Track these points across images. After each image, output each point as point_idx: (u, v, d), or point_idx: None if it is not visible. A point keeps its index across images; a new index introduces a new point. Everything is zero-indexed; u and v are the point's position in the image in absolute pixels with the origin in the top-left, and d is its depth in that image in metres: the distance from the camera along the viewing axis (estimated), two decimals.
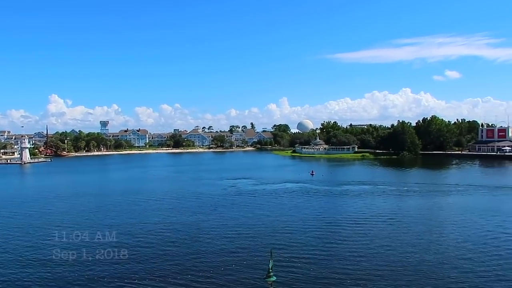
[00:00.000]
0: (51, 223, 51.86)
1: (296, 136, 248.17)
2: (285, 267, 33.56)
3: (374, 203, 63.63)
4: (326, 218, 53.24)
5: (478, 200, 64.94)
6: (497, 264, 34.29)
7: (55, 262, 36.33)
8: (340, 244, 40.82)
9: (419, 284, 30.59)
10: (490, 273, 32.21)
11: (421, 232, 45.00)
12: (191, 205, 63.60)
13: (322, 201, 66.03)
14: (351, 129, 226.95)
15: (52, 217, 56.34)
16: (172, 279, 32.57)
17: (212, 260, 36.63)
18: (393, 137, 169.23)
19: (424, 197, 68.60)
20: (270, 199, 68.12)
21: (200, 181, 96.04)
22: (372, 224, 49.28)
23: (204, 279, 32.29)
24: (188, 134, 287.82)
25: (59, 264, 36.00)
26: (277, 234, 45.04)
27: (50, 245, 41.82)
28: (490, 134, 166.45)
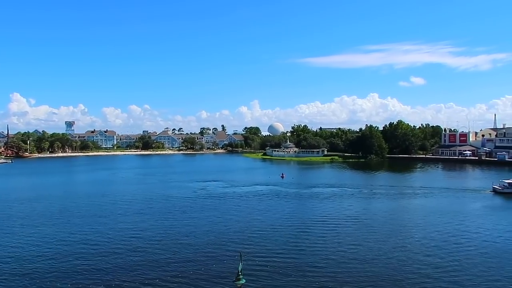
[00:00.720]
0: (10, 229, 49.62)
1: (267, 139, 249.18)
2: (254, 270, 33.50)
3: (343, 205, 64.72)
4: (295, 220, 53.67)
5: (440, 202, 67.31)
6: (457, 264, 35.61)
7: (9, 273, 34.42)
8: (309, 246, 41.20)
9: (385, 283, 31.30)
10: (451, 273, 33.39)
11: (387, 234, 46.15)
12: (160, 208, 62.49)
13: (292, 204, 66.51)
14: (321, 133, 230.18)
15: (11, 221, 53.82)
16: (139, 283, 31.81)
17: (180, 264, 36.09)
18: (361, 141, 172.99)
19: (390, 200, 70.41)
20: (240, 202, 67.95)
21: (169, 183, 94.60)
22: (340, 226, 50.09)
23: (172, 283, 31.75)
24: (158, 136, 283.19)
25: (13, 274, 34.12)
26: (247, 237, 44.96)
27: (7, 252, 39.94)
28: (453, 138, 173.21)
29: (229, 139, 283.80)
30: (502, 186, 75.61)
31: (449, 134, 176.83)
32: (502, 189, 74.83)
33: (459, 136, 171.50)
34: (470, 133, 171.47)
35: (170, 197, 73.01)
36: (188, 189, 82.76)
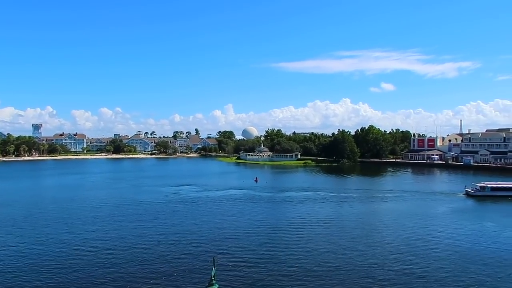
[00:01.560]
0: None
1: (240, 143, 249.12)
2: (227, 274, 33.23)
3: (315, 208, 65.28)
4: (269, 224, 53.65)
5: (410, 205, 69.02)
6: (426, 265, 36.45)
7: None
8: (282, 250, 41.20)
9: (355, 284, 31.63)
10: (419, 274, 34.11)
11: (358, 236, 46.85)
12: (130, 214, 61.05)
13: (266, 208, 66.50)
14: (294, 137, 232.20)
15: None
16: None
17: (152, 270, 35.29)
18: (334, 145, 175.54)
19: (362, 203, 71.60)
20: (214, 206, 67.37)
21: (141, 188, 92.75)
22: (313, 229, 50.47)
23: None
24: (130, 139, 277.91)
25: None
26: (220, 241, 44.55)
27: None
28: (421, 143, 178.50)
29: (203, 143, 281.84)
30: (474, 189, 78.64)
31: (418, 139, 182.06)
32: (474, 192, 77.84)
33: (427, 141, 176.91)
34: (438, 138, 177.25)
35: (142, 202, 71.53)
36: (161, 194, 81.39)
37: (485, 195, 75.64)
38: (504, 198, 73.18)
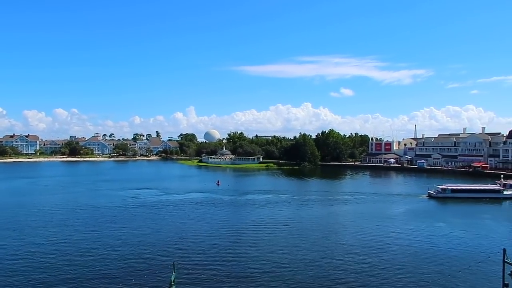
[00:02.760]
0: None
1: (202, 146, 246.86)
2: (187, 279, 32.59)
3: (276, 211, 65.68)
4: (230, 227, 53.36)
5: (368, 206, 71.06)
6: (383, 266, 37.50)
7: None
8: (243, 253, 41.05)
9: (314, 286, 32.07)
10: (376, 274, 35.04)
11: (318, 238, 47.56)
12: (86, 219, 58.58)
13: (227, 211, 66.12)
14: (257, 140, 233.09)
15: None
16: None
17: (109, 277, 34.00)
18: (295, 149, 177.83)
19: (322, 205, 72.88)
20: (174, 210, 66.15)
21: (98, 192, 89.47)
22: (274, 233, 50.69)
23: None
24: (87, 142, 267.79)
25: None
26: (180, 245, 43.75)
27: None
28: (379, 147, 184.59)
29: (164, 146, 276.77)
30: (436, 191, 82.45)
31: (376, 143, 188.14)
32: (436, 194, 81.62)
33: (384, 145, 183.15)
34: (394, 142, 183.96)
35: (98, 206, 68.95)
36: (119, 198, 78.86)
37: (446, 196, 79.53)
38: (463, 199, 77.10)
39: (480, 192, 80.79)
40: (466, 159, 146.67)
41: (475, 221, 59.18)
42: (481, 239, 47.38)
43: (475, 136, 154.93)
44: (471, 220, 59.71)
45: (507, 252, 21.22)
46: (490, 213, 66.35)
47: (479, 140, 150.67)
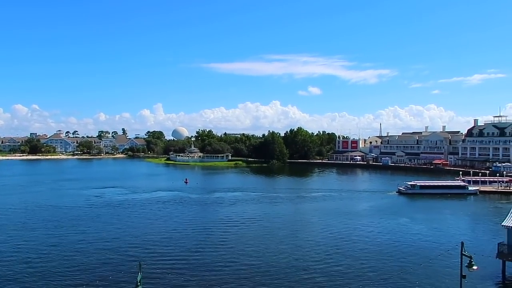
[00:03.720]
0: None
1: (170, 144, 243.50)
2: (154, 279, 32.00)
3: (245, 209, 65.74)
4: (198, 226, 52.90)
5: (336, 203, 72.39)
6: (348, 262, 38.28)
7: None
8: (210, 252, 40.76)
9: (282, 283, 32.25)
10: (342, 271, 35.75)
11: (286, 236, 47.93)
12: (47, 220, 56.29)
13: (195, 209, 65.52)
14: (225, 138, 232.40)
15: None
16: None
17: (72, 280, 32.81)
18: (264, 146, 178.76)
19: (290, 202, 73.61)
20: (141, 209, 64.85)
21: (60, 191, 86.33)
22: (241, 230, 50.74)
23: None
24: (49, 139, 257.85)
25: None
26: (147, 245, 42.88)
27: None
28: (345, 145, 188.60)
29: (130, 144, 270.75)
30: (405, 187, 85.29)
31: (342, 141, 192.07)
32: (405, 190, 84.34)
33: (351, 143, 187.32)
34: (360, 140, 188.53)
35: (60, 206, 66.51)
36: (82, 197, 76.41)
37: (415, 192, 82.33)
38: (431, 195, 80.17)
39: (446, 188, 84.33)
40: (428, 157, 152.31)
41: (439, 216, 61.56)
42: (442, 233, 49.27)
43: (436, 135, 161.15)
44: (435, 215, 62.04)
45: (464, 245, 22.14)
46: (454, 208, 69.16)
47: (440, 138, 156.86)
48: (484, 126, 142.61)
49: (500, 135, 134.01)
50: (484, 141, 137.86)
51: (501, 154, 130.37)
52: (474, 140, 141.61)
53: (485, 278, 32.54)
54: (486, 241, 43.00)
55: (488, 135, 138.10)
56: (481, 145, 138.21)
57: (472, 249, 30.31)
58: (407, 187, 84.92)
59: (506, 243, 34.30)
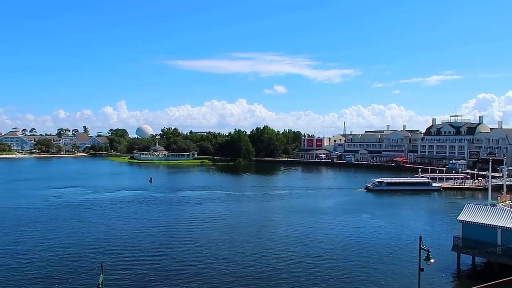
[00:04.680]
0: None
1: (134, 142, 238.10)
2: (117, 280, 31.20)
3: (211, 207, 65.36)
4: (162, 225, 52.08)
5: (301, 201, 73.41)
6: (313, 259, 38.94)
7: None
8: (174, 251, 40.24)
9: (245, 281, 32.34)
10: (308, 269, 36.29)
11: (251, 234, 48.03)
12: (2, 221, 53.59)
13: (160, 209, 64.42)
14: (191, 136, 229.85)
15: None
16: None
17: (29, 284, 31.34)
18: (230, 145, 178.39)
19: (257, 201, 73.89)
20: (103, 209, 63.01)
21: (16, 192, 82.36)
22: (207, 229, 50.41)
23: None
24: (3, 137, 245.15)
25: None
26: (109, 246, 41.74)
27: None
28: (311, 143, 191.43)
29: (92, 142, 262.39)
30: (373, 184, 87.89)
31: (308, 139, 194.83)
32: (373, 187, 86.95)
33: (316, 141, 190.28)
34: (325, 139, 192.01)
35: (16, 207, 63.50)
36: (40, 198, 73.23)
37: (382, 189, 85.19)
38: (397, 192, 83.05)
39: (412, 185, 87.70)
40: (389, 155, 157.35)
41: (401, 212, 63.95)
42: (403, 228, 51.13)
43: (397, 133, 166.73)
44: (398, 211, 64.44)
45: (423, 239, 23.02)
46: (416, 204, 71.63)
47: (400, 136, 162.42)
48: (441, 125, 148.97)
49: (456, 134, 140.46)
50: (441, 140, 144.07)
51: (457, 152, 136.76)
52: (432, 139, 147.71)
53: (442, 270, 34.04)
54: (444, 235, 44.97)
55: (445, 134, 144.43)
56: (439, 143, 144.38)
57: (430, 243, 31.64)
58: (375, 184, 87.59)
59: (460, 237, 36.06)
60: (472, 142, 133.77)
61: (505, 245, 32.59)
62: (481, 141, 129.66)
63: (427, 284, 29.09)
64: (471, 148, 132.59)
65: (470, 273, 35.21)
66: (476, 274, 34.52)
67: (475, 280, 29.96)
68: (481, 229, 34.67)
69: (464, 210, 37.13)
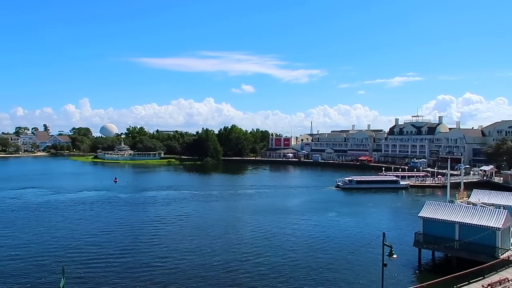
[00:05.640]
0: None
1: (98, 141, 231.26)
2: (78, 284, 30.18)
3: (178, 208, 64.47)
4: (127, 226, 50.82)
5: (268, 200, 73.74)
6: (280, 257, 39.22)
7: None
8: (139, 253, 39.36)
9: (213, 281, 32.16)
10: (275, 268, 36.52)
11: (219, 234, 47.76)
12: None
13: (125, 209, 62.85)
14: (158, 135, 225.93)
15: None
16: None
17: None
18: (198, 144, 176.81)
19: (225, 200, 73.59)
20: (65, 211, 60.79)
21: None
22: (174, 230, 49.73)
23: None
24: None
25: None
26: (71, 249, 40.28)
27: None
28: (278, 142, 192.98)
29: (53, 141, 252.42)
30: (343, 182, 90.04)
31: (276, 139, 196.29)
32: (343, 185, 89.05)
33: (283, 140, 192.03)
34: (292, 138, 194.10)
35: None
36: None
37: (352, 187, 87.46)
38: (366, 189, 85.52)
39: (380, 183, 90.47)
40: (355, 154, 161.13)
41: (368, 209, 65.67)
42: (369, 225, 52.42)
43: (362, 133, 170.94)
44: (365, 208, 66.17)
45: (386, 236, 23.67)
46: (383, 202, 73.94)
47: (365, 136, 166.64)
48: (404, 125, 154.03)
49: (417, 134, 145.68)
50: (403, 139, 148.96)
51: (418, 151, 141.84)
52: (395, 138, 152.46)
53: (404, 265, 35.17)
54: (406, 231, 46.46)
55: (407, 134, 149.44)
56: (401, 143, 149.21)
57: (393, 239, 32.62)
58: (345, 182, 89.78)
59: (421, 233, 37.42)
60: (432, 142, 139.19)
61: (462, 240, 34.11)
62: (441, 141, 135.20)
63: (390, 279, 29.94)
64: (431, 147, 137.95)
65: (430, 267, 36.62)
66: (436, 268, 35.94)
67: (435, 274, 31.17)
68: (440, 225, 36.12)
69: (425, 207, 38.55)
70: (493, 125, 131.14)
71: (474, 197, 47.96)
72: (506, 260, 31.60)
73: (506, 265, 30.78)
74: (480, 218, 34.44)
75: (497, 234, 32.88)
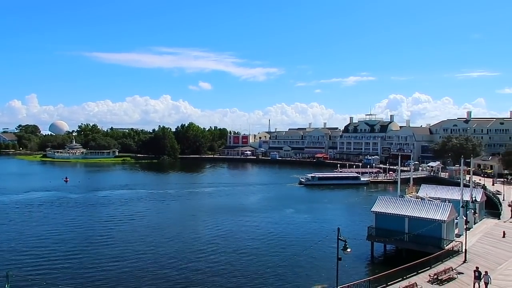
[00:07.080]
0: None
1: (47, 139, 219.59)
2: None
3: (133, 208, 62.68)
4: (78, 228, 48.74)
5: (226, 198, 73.66)
6: (236, 255, 39.21)
7: None
8: (90, 255, 37.92)
9: (169, 282, 31.63)
10: (232, 267, 36.45)
11: (176, 234, 46.93)
12: None
13: (76, 210, 60.22)
14: (112, 133, 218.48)
15: None
16: None
17: None
18: (154, 142, 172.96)
19: (182, 199, 72.48)
20: (9, 213, 57.33)
21: None
22: (128, 230, 48.31)
23: None
24: None
25: None
26: (16, 253, 38.04)
27: None
28: (236, 140, 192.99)
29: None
30: (306, 179, 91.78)
31: (234, 136, 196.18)
32: (306, 181, 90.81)
33: (241, 138, 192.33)
34: (250, 136, 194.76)
35: None
36: None
37: (314, 183, 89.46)
38: (328, 186, 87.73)
39: (342, 179, 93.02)
40: (311, 151, 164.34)
41: (325, 205, 67.20)
42: (325, 221, 53.64)
43: (318, 131, 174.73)
44: (322, 204, 67.69)
45: (341, 230, 24.24)
46: (341, 197, 75.87)
47: (321, 134, 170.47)
48: (358, 123, 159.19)
49: (371, 131, 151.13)
50: (358, 137, 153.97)
51: (371, 148, 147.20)
52: (350, 136, 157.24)
53: (358, 258, 36.30)
54: (360, 226, 47.91)
55: (361, 131, 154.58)
56: (355, 140, 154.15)
57: (348, 234, 33.38)
58: (307, 178, 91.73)
59: (374, 227, 38.81)
60: (384, 139, 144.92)
61: (411, 233, 35.74)
62: (392, 138, 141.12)
63: (344, 272, 30.72)
64: (383, 144, 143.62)
65: (382, 260, 38.04)
66: (387, 260, 37.38)
67: (386, 265, 32.37)
68: (391, 219, 37.65)
69: (377, 202, 40.00)
70: (439, 124, 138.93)
71: (422, 191, 50.51)
72: (451, 250, 33.46)
73: (450, 255, 32.59)
74: (427, 211, 36.27)
75: (442, 226, 34.78)
